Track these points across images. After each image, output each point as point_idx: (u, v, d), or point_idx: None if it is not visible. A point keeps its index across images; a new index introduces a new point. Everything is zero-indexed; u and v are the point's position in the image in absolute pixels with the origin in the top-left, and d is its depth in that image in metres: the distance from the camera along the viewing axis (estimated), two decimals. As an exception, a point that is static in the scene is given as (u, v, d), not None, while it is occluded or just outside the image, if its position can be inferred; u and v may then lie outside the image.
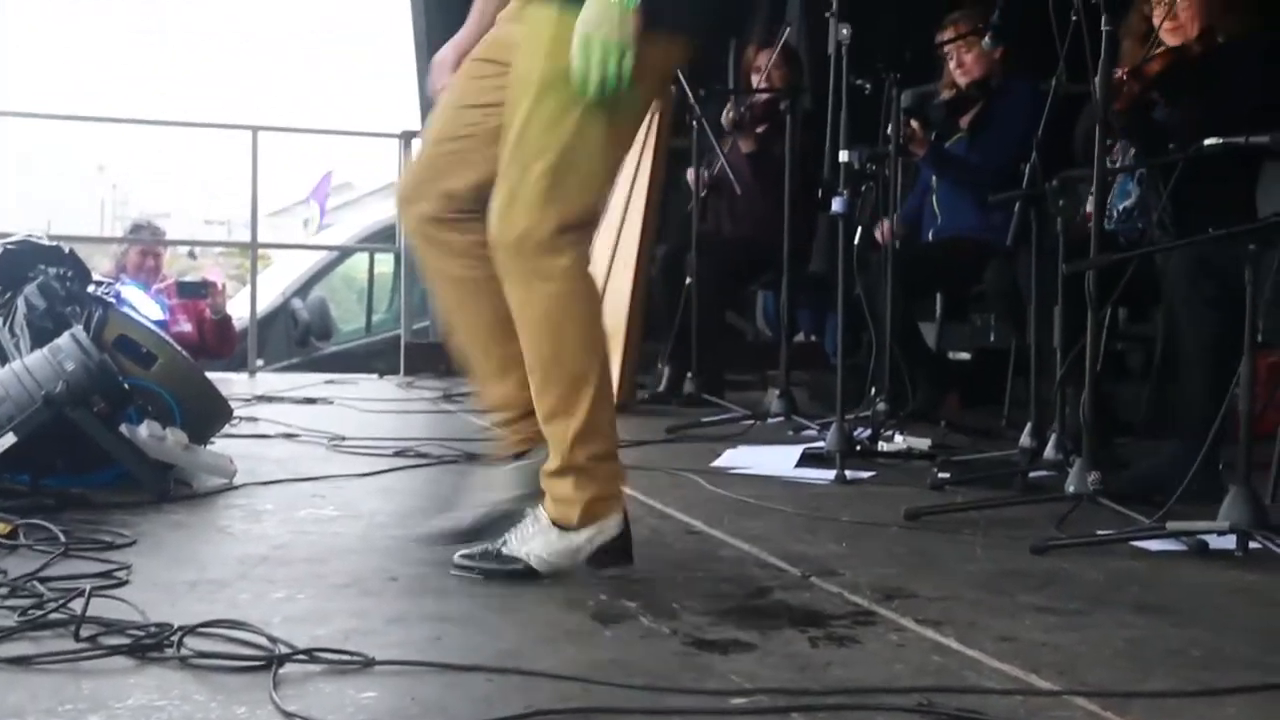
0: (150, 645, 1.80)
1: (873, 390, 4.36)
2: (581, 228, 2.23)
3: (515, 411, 2.40)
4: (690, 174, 5.32)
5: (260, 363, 7.27)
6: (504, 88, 2.26)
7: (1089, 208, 3.12)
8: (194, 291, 6.62)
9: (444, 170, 2.37)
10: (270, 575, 2.31)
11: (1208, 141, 3.11)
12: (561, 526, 2.28)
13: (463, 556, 2.32)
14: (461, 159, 2.35)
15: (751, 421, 4.49)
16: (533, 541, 2.29)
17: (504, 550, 2.30)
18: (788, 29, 5.62)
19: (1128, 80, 3.46)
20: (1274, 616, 2.20)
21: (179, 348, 3.42)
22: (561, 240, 2.19)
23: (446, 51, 2.48)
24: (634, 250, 5.11)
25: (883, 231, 4.49)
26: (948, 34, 4.70)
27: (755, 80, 5.50)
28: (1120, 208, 3.81)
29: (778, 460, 3.74)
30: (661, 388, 5.37)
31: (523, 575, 2.28)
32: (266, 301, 8.97)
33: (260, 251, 8.00)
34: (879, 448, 3.92)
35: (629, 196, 5.15)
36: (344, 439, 4.03)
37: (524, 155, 2.19)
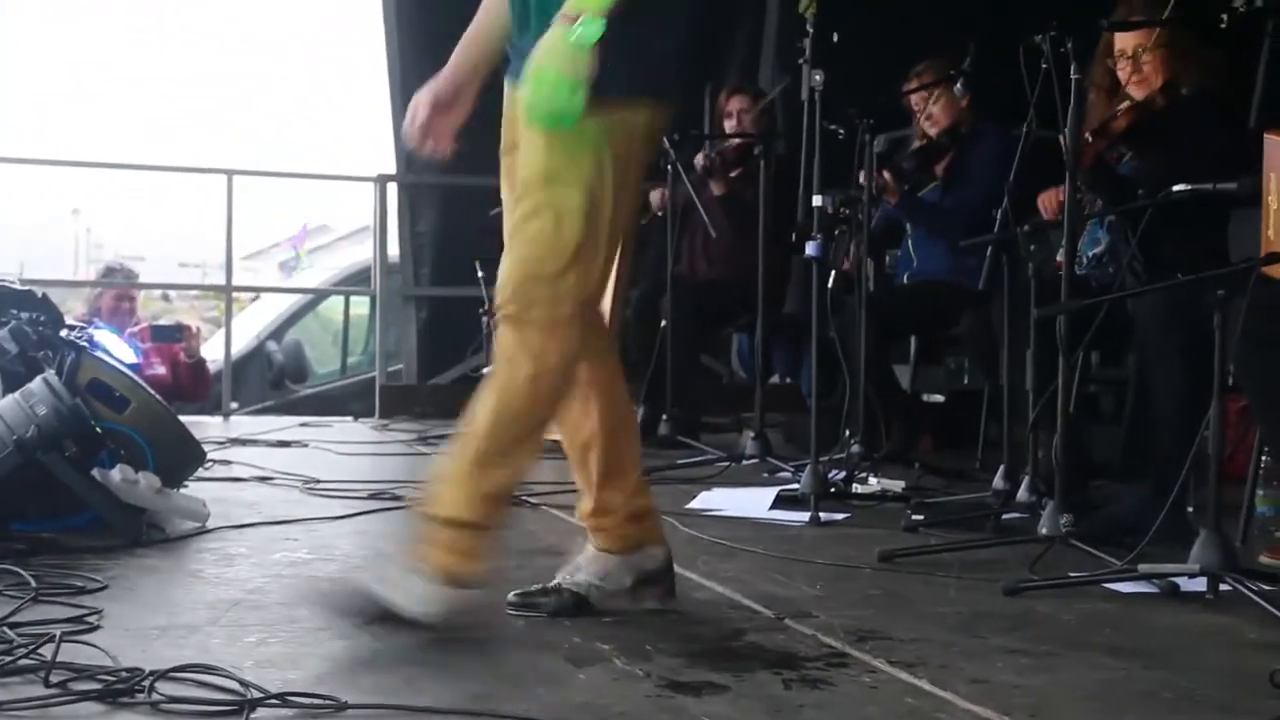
0: (121, 691, 1.79)
1: (847, 432, 4.37)
2: (581, 313, 2.27)
3: (621, 514, 2.42)
4: (654, 194, 5.33)
5: (235, 405, 7.25)
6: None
7: (1060, 256, 3.14)
8: (168, 335, 6.60)
9: None
10: (243, 619, 2.30)
11: (1176, 188, 3.15)
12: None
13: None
14: None
15: (726, 463, 4.50)
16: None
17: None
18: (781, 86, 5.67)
19: (1094, 138, 3.51)
20: (1244, 659, 2.20)
21: (152, 391, 3.41)
22: (548, 330, 2.23)
23: (423, 94, 2.49)
24: (609, 294, 5.11)
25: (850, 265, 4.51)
26: (913, 85, 4.75)
27: (728, 126, 5.55)
28: (1090, 254, 3.85)
29: (752, 502, 3.75)
30: (636, 427, 5.37)
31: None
32: (241, 344, 8.94)
33: (235, 294, 7.99)
34: (853, 490, 3.93)
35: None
36: (318, 482, 4.02)
37: (520, 245, 2.23)
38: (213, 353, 7.42)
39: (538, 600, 2.37)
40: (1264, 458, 3.25)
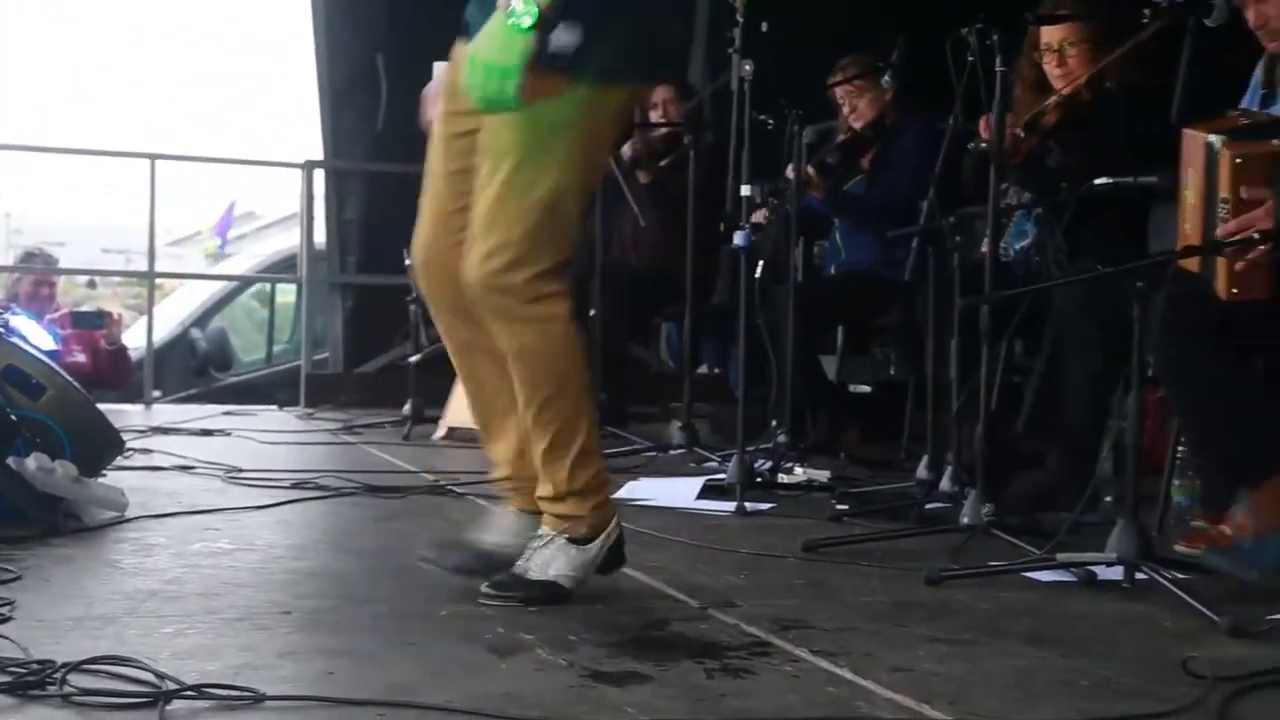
0: (32, 683, 1.75)
1: (774, 423, 4.39)
2: (560, 271, 2.33)
3: (534, 473, 2.42)
4: None
5: (157, 394, 7.14)
6: (470, 140, 2.32)
7: (985, 247, 3.18)
8: (89, 322, 6.49)
9: (459, 241, 2.37)
10: (160, 610, 2.27)
11: (1098, 181, 3.19)
12: (576, 541, 2.37)
13: (490, 585, 2.35)
14: (455, 223, 2.38)
15: (654, 453, 4.50)
16: (556, 563, 2.36)
17: (531, 576, 2.35)
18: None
19: (1025, 134, 3.55)
20: (1159, 647, 2.24)
21: (70, 378, 3.35)
22: (550, 285, 2.30)
23: (434, 86, 2.51)
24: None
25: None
26: (837, 77, 4.77)
27: (653, 116, 5.55)
28: (1017, 247, 3.88)
29: (679, 492, 3.75)
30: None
31: (559, 596, 2.34)
32: (164, 331, 8.81)
33: (159, 281, 7.87)
34: (779, 480, 3.95)
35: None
36: (241, 471, 3.97)
37: (506, 219, 2.26)
38: (135, 340, 7.30)
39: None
40: (1180, 448, 3.30)
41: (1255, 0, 2.91)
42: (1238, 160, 2.72)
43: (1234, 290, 2.74)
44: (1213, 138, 2.76)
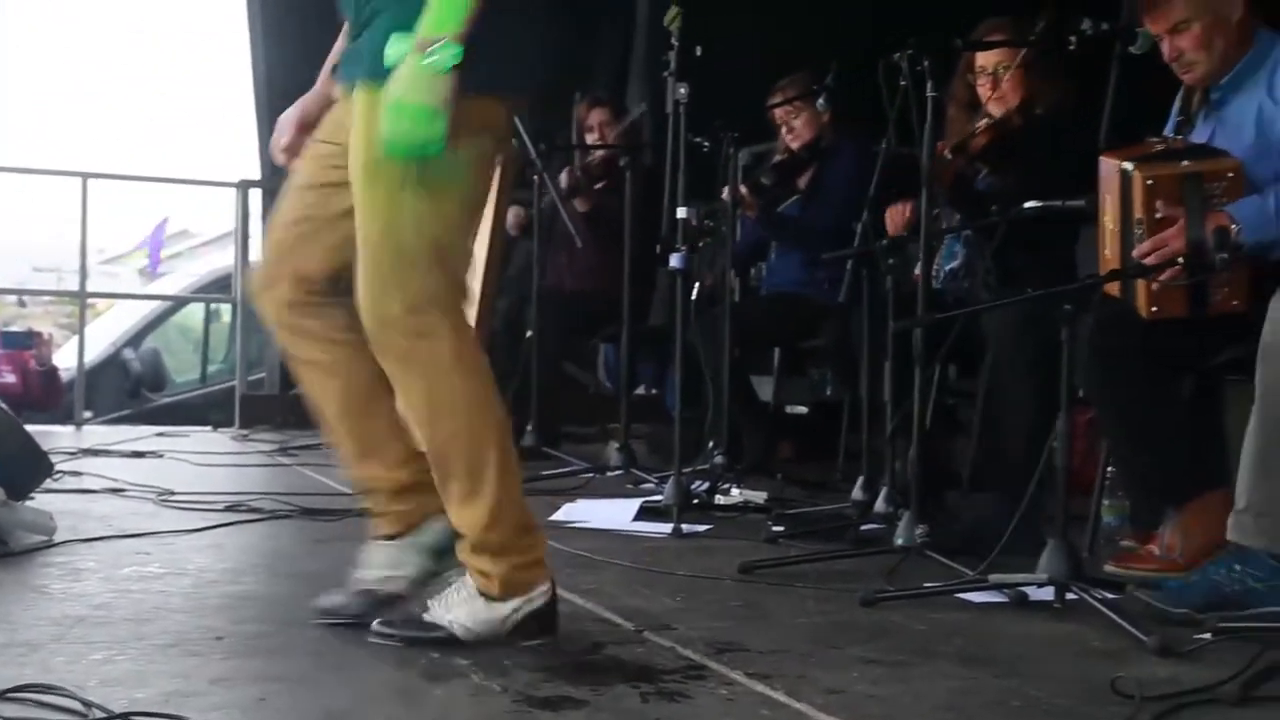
0: (-45, 712, 1.73)
1: (710, 444, 4.40)
2: (443, 301, 2.20)
3: (385, 492, 2.38)
4: (510, 213, 5.31)
5: (89, 415, 7.06)
6: (344, 168, 2.25)
7: (918, 270, 3.21)
8: (18, 342, 6.43)
9: (295, 253, 2.34)
10: (88, 636, 2.24)
11: (1027, 205, 3.24)
12: (486, 596, 2.24)
13: (382, 624, 2.27)
14: (309, 241, 2.34)
15: (590, 475, 4.50)
16: (457, 609, 2.25)
17: (425, 617, 2.26)
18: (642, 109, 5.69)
19: (953, 155, 3.59)
20: (1090, 667, 2.26)
21: (-2, 400, 3.30)
22: (426, 318, 2.17)
23: (291, 112, 2.47)
24: (476, 304, 5.09)
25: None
26: (777, 98, 4.81)
27: (589, 139, 5.57)
28: (947, 268, 3.93)
29: (616, 514, 3.75)
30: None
31: (445, 642, 2.22)
32: (96, 351, 8.72)
33: (91, 300, 7.78)
34: (716, 501, 3.96)
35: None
36: (173, 494, 3.92)
37: (369, 241, 2.18)
38: (66, 360, 7.21)
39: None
40: (1110, 469, 3.34)
41: (1170, 34, 2.98)
42: (1149, 182, 2.79)
43: (1154, 309, 2.81)
44: (1126, 164, 2.83)
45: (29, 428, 3.46)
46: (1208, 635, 2.32)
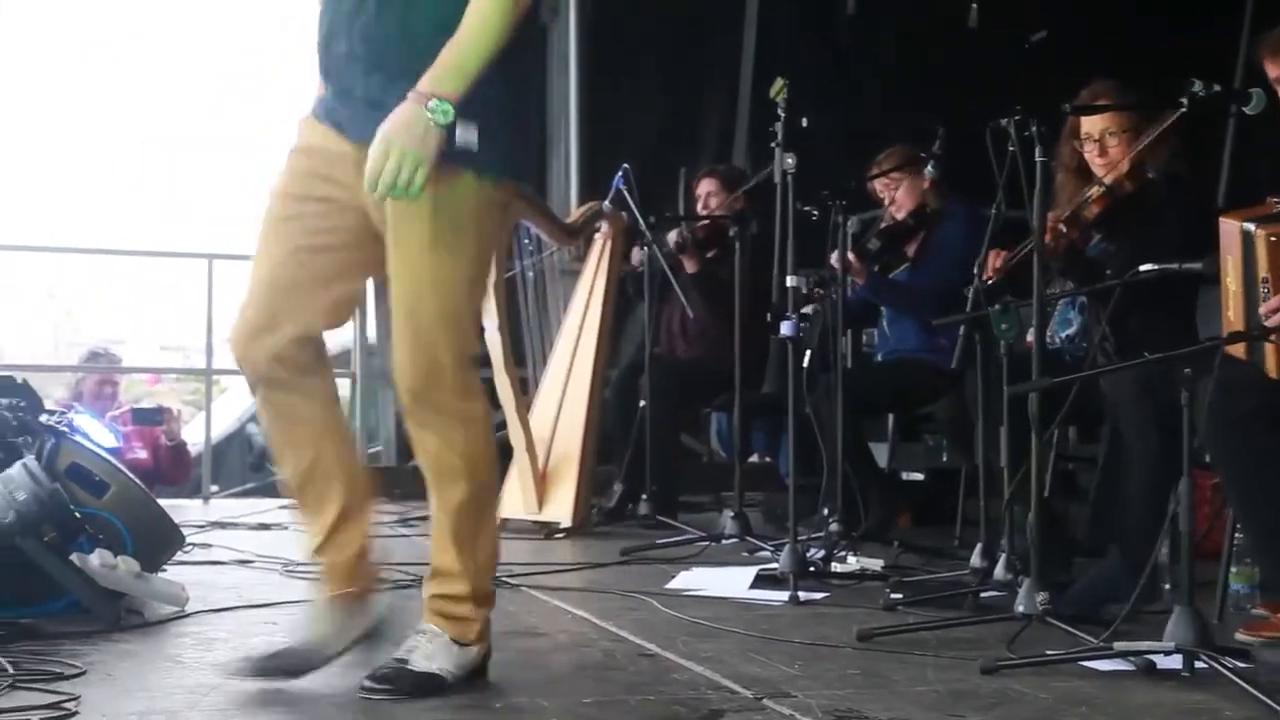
0: (99, 778, 1.78)
1: (825, 511, 4.39)
2: (476, 363, 2.41)
3: (342, 554, 2.52)
4: (635, 251, 5.37)
5: (215, 488, 7.22)
6: (327, 226, 2.38)
7: (1030, 336, 3.19)
8: (149, 418, 6.59)
9: (279, 312, 2.41)
10: (221, 705, 2.30)
11: (1143, 268, 3.21)
12: (460, 643, 2.40)
13: (371, 679, 2.36)
14: (292, 301, 2.40)
15: (706, 543, 4.50)
16: (439, 657, 2.39)
17: (413, 668, 2.37)
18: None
19: (1068, 227, 3.58)
20: (1219, 734, 2.22)
21: (131, 475, 3.41)
22: (469, 376, 2.39)
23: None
24: (588, 374, 5.16)
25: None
26: (874, 171, 4.83)
27: (700, 209, 5.63)
28: (1063, 335, 3.90)
29: (732, 582, 3.75)
30: (612, 504, 5.38)
31: (439, 689, 2.36)
32: (222, 427, 8.93)
33: (216, 377, 7.98)
34: (832, 568, 3.94)
35: (582, 321, 5.21)
36: (298, 564, 4.00)
37: (420, 301, 2.32)
38: (193, 436, 7.40)
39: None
40: (1237, 534, 3.27)
41: None
42: (1273, 239, 2.75)
43: (1283, 369, 2.76)
44: (1248, 224, 2.80)
45: (160, 501, 3.57)
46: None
